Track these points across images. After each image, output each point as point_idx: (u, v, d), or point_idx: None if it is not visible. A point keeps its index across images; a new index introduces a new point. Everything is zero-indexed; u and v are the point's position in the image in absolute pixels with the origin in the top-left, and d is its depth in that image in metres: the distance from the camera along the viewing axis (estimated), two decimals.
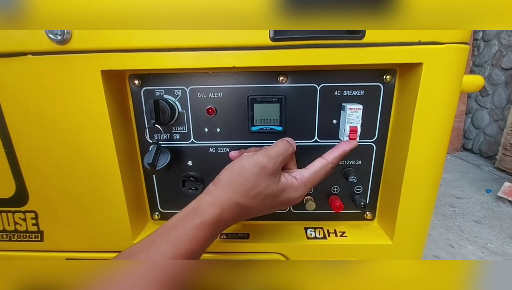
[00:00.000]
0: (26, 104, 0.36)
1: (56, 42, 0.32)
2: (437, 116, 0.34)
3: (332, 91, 0.38)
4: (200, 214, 0.29)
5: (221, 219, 0.30)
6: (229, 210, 0.31)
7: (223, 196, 0.31)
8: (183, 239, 0.28)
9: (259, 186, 0.31)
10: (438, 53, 0.32)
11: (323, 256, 0.41)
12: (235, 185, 0.31)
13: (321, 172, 0.34)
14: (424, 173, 0.37)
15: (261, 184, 0.31)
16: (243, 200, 0.31)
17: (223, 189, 0.31)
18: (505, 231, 1.42)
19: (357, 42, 0.32)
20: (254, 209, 0.32)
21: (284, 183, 0.33)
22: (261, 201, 0.32)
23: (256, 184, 0.31)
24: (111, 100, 0.35)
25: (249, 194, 0.31)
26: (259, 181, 0.31)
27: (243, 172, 0.31)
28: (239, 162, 0.32)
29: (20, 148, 0.38)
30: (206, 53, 0.33)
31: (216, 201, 0.31)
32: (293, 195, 0.33)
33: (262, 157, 0.32)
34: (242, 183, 0.31)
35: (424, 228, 0.41)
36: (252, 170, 0.31)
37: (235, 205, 0.31)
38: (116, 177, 0.38)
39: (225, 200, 0.31)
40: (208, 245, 0.31)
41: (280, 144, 0.34)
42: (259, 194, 0.31)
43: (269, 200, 0.32)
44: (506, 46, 2.27)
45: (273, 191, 0.32)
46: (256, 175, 0.31)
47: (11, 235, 0.43)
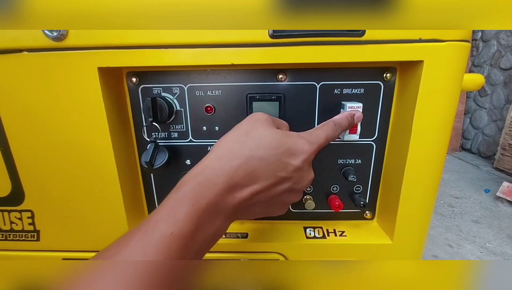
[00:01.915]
0: (21, 102, 0.35)
1: (52, 38, 0.32)
2: (438, 114, 0.34)
3: (332, 89, 0.37)
4: (208, 189, 0.24)
5: (214, 201, 0.24)
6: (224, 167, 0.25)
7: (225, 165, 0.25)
8: (153, 249, 0.21)
9: (255, 130, 0.27)
10: (439, 51, 0.32)
11: (322, 255, 0.41)
12: (232, 144, 0.27)
13: (323, 127, 0.32)
14: (424, 172, 0.37)
15: (257, 129, 0.27)
16: (240, 153, 0.26)
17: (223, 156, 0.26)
18: (503, 231, 1.42)
19: (357, 40, 0.32)
20: (256, 161, 0.26)
21: (285, 130, 0.29)
22: (261, 147, 0.26)
23: (251, 129, 0.27)
24: (108, 97, 0.35)
25: (245, 142, 0.26)
26: (255, 127, 0.27)
27: (236, 128, 0.28)
28: (235, 127, 0.29)
29: (15, 146, 0.37)
30: (205, 50, 0.33)
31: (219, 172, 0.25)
32: (299, 140, 0.28)
33: (255, 113, 0.30)
34: (236, 136, 0.27)
35: (424, 228, 0.41)
36: (244, 122, 0.29)
37: (229, 159, 0.25)
38: (113, 176, 0.37)
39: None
40: (205, 247, 0.25)
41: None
42: (255, 138, 0.27)
43: (271, 147, 0.26)
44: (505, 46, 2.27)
45: (272, 132, 0.27)
46: (250, 123, 0.28)
47: (7, 235, 0.42)
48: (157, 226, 0.22)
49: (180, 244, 0.22)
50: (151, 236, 0.21)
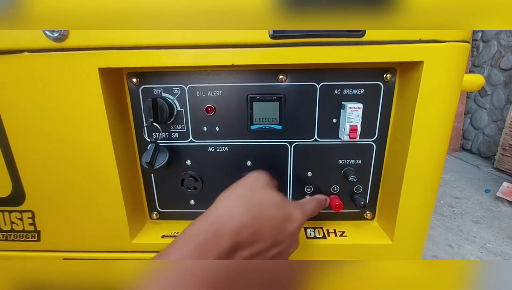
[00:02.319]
0: (22, 102, 0.35)
1: (52, 39, 0.32)
2: (438, 115, 0.34)
3: (332, 90, 0.37)
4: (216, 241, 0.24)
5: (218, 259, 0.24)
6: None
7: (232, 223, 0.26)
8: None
9: (260, 192, 0.29)
10: (439, 51, 0.32)
11: (322, 255, 0.41)
12: (240, 199, 0.28)
13: (312, 200, 0.35)
14: (424, 173, 0.37)
15: (261, 190, 0.29)
16: (248, 210, 0.26)
17: (224, 214, 0.27)
18: (503, 231, 1.42)
19: (357, 40, 0.32)
20: (260, 221, 0.26)
21: (284, 197, 0.31)
22: (267, 214, 0.27)
23: (257, 189, 0.29)
24: (108, 98, 0.35)
25: (251, 201, 0.27)
26: (259, 188, 0.29)
27: (240, 186, 0.30)
28: (234, 184, 0.30)
29: (16, 147, 0.37)
30: (205, 51, 0.33)
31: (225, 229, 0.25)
32: (296, 209, 0.30)
33: (254, 172, 0.32)
34: (241, 194, 0.29)
35: (424, 228, 0.41)
36: (250, 180, 0.30)
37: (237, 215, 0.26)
38: (114, 176, 0.37)
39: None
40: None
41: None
42: (261, 200, 0.28)
43: (273, 208, 0.28)
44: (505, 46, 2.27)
45: (275, 196, 0.29)
46: (256, 181, 0.30)
47: (7, 235, 0.43)
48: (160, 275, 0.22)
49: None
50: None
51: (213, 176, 0.42)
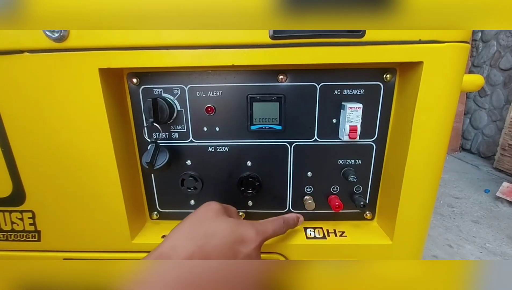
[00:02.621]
0: (23, 103, 0.35)
1: (53, 39, 0.32)
2: (438, 115, 0.34)
3: (332, 90, 0.38)
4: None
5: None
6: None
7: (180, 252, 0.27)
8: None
9: (206, 222, 0.30)
10: (439, 52, 0.32)
11: (322, 256, 0.41)
12: (181, 232, 0.29)
13: (274, 221, 0.34)
14: (424, 173, 0.37)
15: (209, 219, 0.30)
16: (194, 241, 0.28)
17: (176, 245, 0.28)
18: (503, 231, 1.42)
19: (357, 41, 0.32)
20: (209, 249, 0.28)
21: (237, 219, 0.32)
22: (212, 237, 0.28)
23: (204, 220, 0.30)
24: (109, 98, 0.35)
25: (197, 232, 0.29)
26: (207, 218, 0.30)
27: (191, 217, 0.31)
28: (190, 214, 0.32)
29: (17, 147, 0.37)
30: (205, 51, 0.33)
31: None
32: (248, 230, 0.31)
33: (209, 202, 0.33)
34: (188, 225, 0.30)
35: (424, 228, 0.41)
36: (198, 211, 0.32)
37: (184, 250, 0.27)
38: (114, 176, 0.37)
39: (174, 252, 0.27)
40: None
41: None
42: (213, 230, 0.29)
43: (222, 236, 0.28)
44: (505, 46, 2.28)
45: (224, 222, 0.30)
46: (204, 212, 0.31)
47: (8, 235, 0.43)
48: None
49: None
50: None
51: (213, 176, 0.42)
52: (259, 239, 0.31)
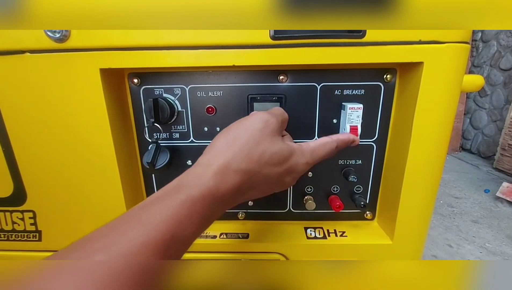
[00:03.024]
0: (24, 103, 0.35)
1: (54, 40, 0.32)
2: (438, 115, 0.34)
3: (332, 90, 0.38)
4: (186, 188, 0.23)
5: (217, 192, 0.23)
6: (227, 179, 0.24)
7: (218, 162, 0.24)
8: (159, 219, 0.20)
9: (263, 143, 0.26)
10: (439, 52, 0.32)
11: (323, 256, 0.41)
12: (234, 147, 0.25)
13: (325, 147, 0.31)
14: (424, 173, 0.37)
15: (265, 140, 0.26)
16: (245, 164, 0.25)
17: (218, 154, 0.25)
18: (503, 231, 1.42)
19: (358, 41, 0.32)
20: (258, 177, 0.26)
21: (290, 145, 0.29)
22: (266, 165, 0.26)
23: (261, 141, 0.26)
24: (110, 98, 0.35)
25: (253, 155, 0.25)
26: (264, 138, 0.26)
27: (243, 130, 0.27)
28: (238, 122, 0.29)
29: (18, 147, 0.37)
30: (206, 52, 0.33)
31: (209, 170, 0.24)
32: (300, 160, 0.29)
33: (264, 113, 0.29)
34: (244, 142, 0.26)
35: (424, 228, 0.41)
36: (254, 125, 0.27)
37: (234, 171, 0.24)
38: (115, 176, 0.37)
39: (221, 167, 0.24)
40: (201, 228, 0.24)
41: (276, 108, 0.33)
42: (264, 154, 0.26)
43: (275, 165, 0.27)
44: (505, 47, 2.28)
45: (280, 150, 0.27)
46: (260, 131, 0.27)
47: (9, 235, 0.43)
48: (195, 182, 0.23)
49: (215, 202, 0.23)
50: (188, 191, 0.22)
51: None
52: (308, 168, 0.30)
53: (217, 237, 0.42)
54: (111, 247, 0.19)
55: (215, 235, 0.42)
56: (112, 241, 0.19)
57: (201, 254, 0.42)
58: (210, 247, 0.41)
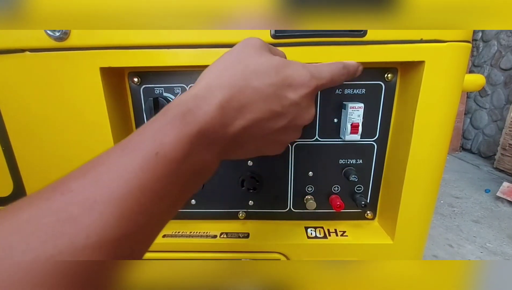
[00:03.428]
0: (24, 102, 0.35)
1: (54, 38, 0.32)
2: (439, 115, 0.34)
3: (333, 89, 0.38)
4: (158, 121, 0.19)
5: (205, 129, 0.20)
6: (210, 97, 0.21)
7: (199, 85, 0.22)
8: (135, 167, 0.17)
9: (247, 58, 0.23)
10: (440, 51, 0.32)
11: (323, 255, 0.41)
12: (214, 70, 0.23)
13: (331, 65, 0.27)
14: (425, 172, 0.37)
15: (249, 55, 0.23)
16: (227, 79, 0.22)
17: (199, 80, 0.23)
18: (504, 231, 1.42)
19: (359, 40, 0.32)
20: (249, 92, 0.22)
21: (283, 58, 0.25)
22: (253, 75, 0.22)
23: (243, 57, 0.23)
24: (110, 97, 0.35)
25: (235, 70, 0.22)
26: (246, 53, 0.23)
27: (224, 57, 0.24)
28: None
29: (18, 146, 0.37)
30: (206, 51, 0.33)
31: (189, 95, 0.21)
32: (301, 71, 0.24)
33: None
34: (224, 64, 0.23)
35: (425, 228, 0.41)
36: (235, 49, 0.24)
37: (218, 88, 0.21)
38: None
39: (203, 88, 0.21)
40: (192, 184, 0.21)
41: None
42: (248, 66, 0.23)
43: (264, 74, 0.23)
44: (505, 46, 2.28)
45: (268, 60, 0.23)
46: (241, 49, 0.24)
47: None
48: (140, 145, 0.18)
49: (166, 167, 0.18)
50: (133, 153, 0.17)
51: (213, 176, 0.42)
52: (312, 83, 0.24)
53: (217, 236, 0.42)
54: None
55: (215, 234, 0.42)
56: (76, 195, 0.16)
57: (201, 254, 0.41)
58: (210, 246, 0.41)
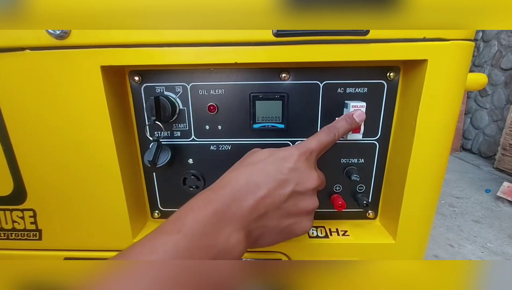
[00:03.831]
0: (24, 101, 0.35)
1: (55, 37, 0.31)
2: (442, 114, 0.34)
3: (335, 89, 0.37)
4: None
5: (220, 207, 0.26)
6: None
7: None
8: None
9: (252, 155, 0.31)
10: (443, 49, 0.32)
11: (325, 255, 0.41)
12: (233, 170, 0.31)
13: (318, 133, 0.33)
14: (427, 172, 0.37)
15: (253, 153, 0.32)
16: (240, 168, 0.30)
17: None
18: (504, 231, 1.42)
19: (361, 39, 0.32)
20: (259, 178, 0.28)
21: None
22: (262, 165, 0.29)
23: (249, 155, 0.32)
24: (111, 96, 0.35)
25: (246, 162, 0.31)
26: (251, 153, 0.32)
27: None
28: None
29: (18, 145, 0.37)
30: (208, 49, 0.32)
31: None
32: (288, 149, 0.30)
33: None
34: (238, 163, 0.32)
35: (427, 227, 0.41)
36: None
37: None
38: (116, 175, 0.37)
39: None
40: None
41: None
42: (256, 159, 0.30)
43: (268, 161, 0.29)
44: (506, 46, 2.27)
45: (265, 151, 0.31)
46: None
47: (8, 234, 0.42)
48: (165, 227, 0.24)
49: (188, 243, 0.23)
50: (160, 233, 0.23)
51: (215, 175, 0.41)
52: (299, 151, 0.30)
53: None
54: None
55: None
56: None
57: None
58: None
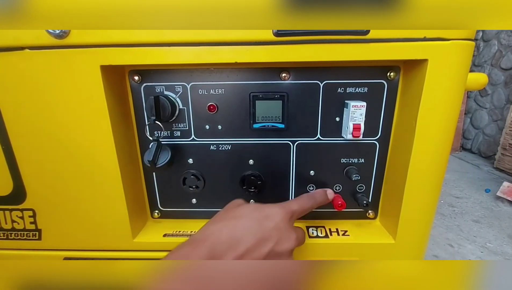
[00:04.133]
0: (24, 100, 0.35)
1: (54, 36, 0.31)
2: (442, 113, 0.34)
3: (335, 88, 0.37)
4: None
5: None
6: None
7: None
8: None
9: (237, 209, 0.32)
10: (444, 49, 0.31)
11: (325, 255, 0.41)
12: (217, 222, 0.31)
13: (300, 198, 0.36)
14: (427, 172, 0.37)
15: (238, 207, 0.32)
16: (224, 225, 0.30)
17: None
18: (504, 231, 1.42)
19: (361, 38, 0.32)
20: (242, 235, 0.29)
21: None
22: (245, 221, 0.30)
23: (232, 209, 0.32)
24: (110, 96, 0.35)
25: (230, 216, 0.31)
26: (236, 206, 0.33)
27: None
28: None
29: (18, 145, 0.37)
30: (208, 49, 0.32)
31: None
32: (272, 208, 0.32)
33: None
34: (221, 216, 0.32)
35: (427, 227, 0.41)
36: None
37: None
38: (116, 175, 0.37)
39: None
40: None
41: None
42: (242, 213, 0.31)
43: (252, 216, 0.30)
44: (506, 46, 2.27)
45: (250, 206, 0.32)
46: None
47: (8, 234, 0.42)
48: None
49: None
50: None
51: (215, 175, 0.42)
52: (283, 211, 0.32)
53: None
54: None
55: None
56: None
57: None
58: None
